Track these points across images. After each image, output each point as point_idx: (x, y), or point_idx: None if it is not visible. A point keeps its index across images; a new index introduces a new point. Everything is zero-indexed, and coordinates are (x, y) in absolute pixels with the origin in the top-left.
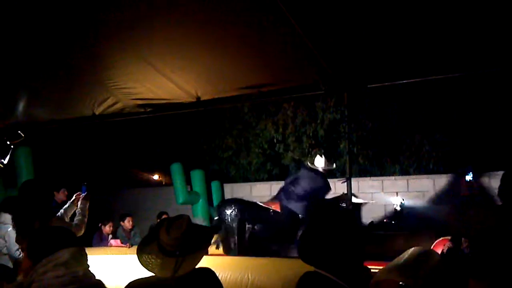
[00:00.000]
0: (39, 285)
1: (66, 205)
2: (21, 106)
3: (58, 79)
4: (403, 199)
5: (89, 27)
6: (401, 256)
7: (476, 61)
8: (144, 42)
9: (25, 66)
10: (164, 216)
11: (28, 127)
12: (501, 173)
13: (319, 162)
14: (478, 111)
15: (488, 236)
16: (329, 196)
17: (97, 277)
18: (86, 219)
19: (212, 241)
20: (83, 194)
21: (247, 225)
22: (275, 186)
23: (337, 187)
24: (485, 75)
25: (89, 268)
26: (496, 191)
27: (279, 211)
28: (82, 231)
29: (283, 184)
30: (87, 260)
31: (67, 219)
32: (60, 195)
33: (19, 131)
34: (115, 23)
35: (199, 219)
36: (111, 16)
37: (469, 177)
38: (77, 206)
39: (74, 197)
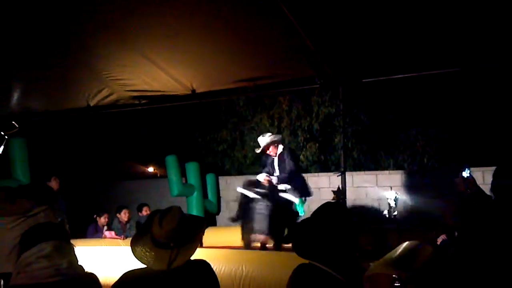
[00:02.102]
0: (23, 277)
1: None
2: (15, 96)
3: (52, 70)
4: (397, 193)
5: (84, 19)
6: (394, 250)
7: (472, 56)
8: (140, 34)
9: (20, 57)
10: (144, 208)
11: (22, 118)
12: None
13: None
14: (473, 107)
15: (481, 231)
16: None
17: (89, 269)
18: None
19: None
20: None
21: None
22: None
23: (331, 181)
24: (480, 70)
25: (77, 261)
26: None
27: None
28: None
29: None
30: (73, 253)
31: None
32: (52, 184)
33: (13, 122)
34: (111, 14)
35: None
36: (107, 8)
37: (465, 174)
38: None
39: None
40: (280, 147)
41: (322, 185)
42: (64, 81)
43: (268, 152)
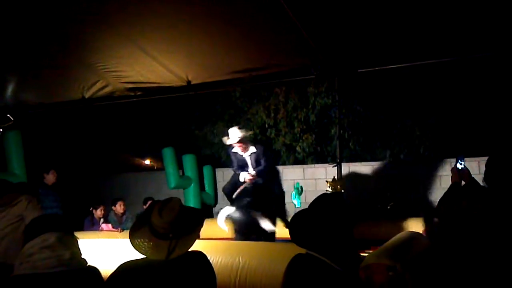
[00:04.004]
0: (26, 267)
1: None
2: (10, 89)
3: (47, 62)
4: (392, 184)
5: (79, 10)
6: (390, 240)
7: (467, 46)
8: (135, 25)
9: (14, 50)
10: (150, 202)
11: (17, 110)
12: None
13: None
14: (470, 96)
15: (475, 220)
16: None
17: (89, 261)
18: None
19: None
20: None
21: None
22: None
23: (328, 172)
24: (475, 60)
25: (81, 254)
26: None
27: None
28: None
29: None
30: (76, 245)
31: None
32: (50, 176)
33: (8, 115)
34: (105, 5)
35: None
36: None
37: (460, 165)
38: None
39: None
40: (252, 148)
41: (319, 176)
42: (59, 73)
43: (237, 146)
